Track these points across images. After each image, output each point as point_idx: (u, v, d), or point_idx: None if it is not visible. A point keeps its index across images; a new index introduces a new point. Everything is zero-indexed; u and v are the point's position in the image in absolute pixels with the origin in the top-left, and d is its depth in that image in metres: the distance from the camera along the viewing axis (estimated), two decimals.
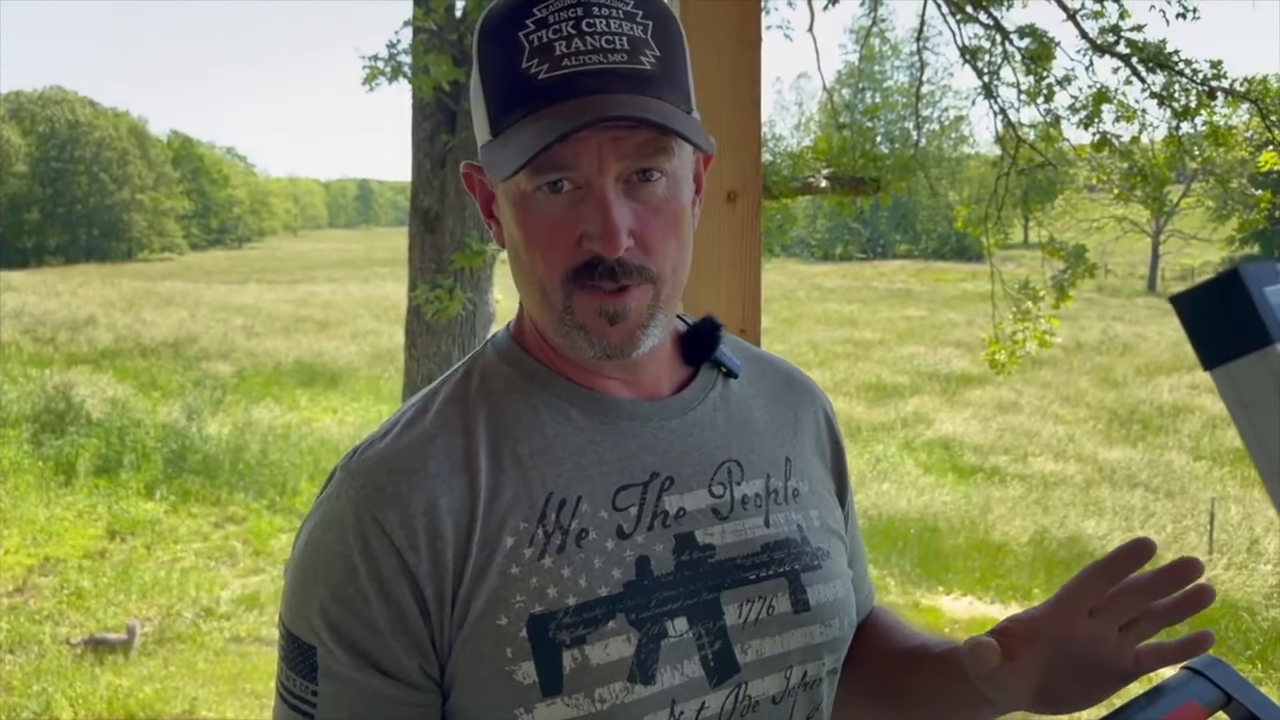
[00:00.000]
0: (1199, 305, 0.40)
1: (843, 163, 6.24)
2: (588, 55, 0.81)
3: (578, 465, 0.89)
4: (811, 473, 1.02)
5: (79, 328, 18.65)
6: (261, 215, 76.99)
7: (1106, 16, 6.34)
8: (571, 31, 0.81)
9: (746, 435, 0.98)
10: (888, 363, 19.30)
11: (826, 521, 1.01)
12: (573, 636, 0.83)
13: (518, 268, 0.90)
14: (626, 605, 0.85)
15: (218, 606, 7.80)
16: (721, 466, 0.94)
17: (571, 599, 0.84)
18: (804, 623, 0.93)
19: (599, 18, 0.82)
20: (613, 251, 0.82)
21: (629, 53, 0.82)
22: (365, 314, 22.66)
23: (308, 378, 16.26)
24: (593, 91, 0.80)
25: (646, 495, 0.90)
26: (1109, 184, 8.65)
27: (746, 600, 0.90)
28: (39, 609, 7.68)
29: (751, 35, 1.60)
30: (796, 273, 37.68)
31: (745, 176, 1.66)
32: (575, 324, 0.86)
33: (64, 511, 9.68)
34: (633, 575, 0.86)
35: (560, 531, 0.86)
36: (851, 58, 36.06)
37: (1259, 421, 0.39)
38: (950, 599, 8.72)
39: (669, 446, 0.93)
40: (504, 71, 0.84)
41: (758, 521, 0.94)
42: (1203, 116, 6.33)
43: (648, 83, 0.82)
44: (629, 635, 0.84)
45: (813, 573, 0.95)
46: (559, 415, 0.91)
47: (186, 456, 10.97)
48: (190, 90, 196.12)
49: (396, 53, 6.26)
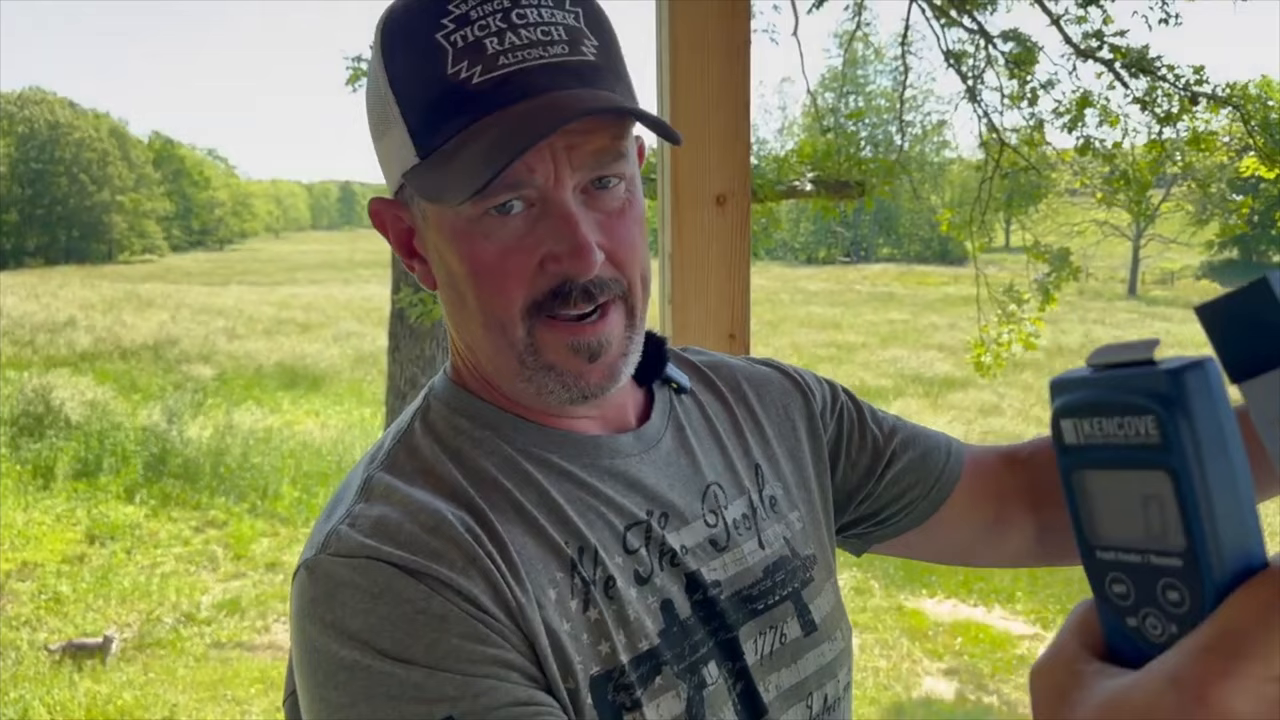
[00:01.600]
0: (1227, 316, 0.39)
1: (827, 166, 6.25)
2: (525, 50, 0.71)
3: (579, 512, 0.80)
4: (782, 469, 0.96)
5: (58, 330, 18.48)
6: (243, 217, 76.65)
7: (1090, 22, 6.38)
8: (501, 25, 0.71)
9: (716, 453, 0.92)
10: (871, 366, 19.35)
11: (803, 516, 0.95)
12: (631, 699, 0.75)
13: (459, 308, 0.79)
14: (667, 657, 0.78)
15: (198, 612, 7.74)
16: (707, 492, 0.88)
17: (624, 655, 0.76)
18: (815, 643, 0.89)
19: (527, 6, 0.72)
20: (587, 270, 0.74)
21: (569, 43, 0.72)
22: (348, 316, 22.54)
23: (289, 380, 16.16)
24: (542, 90, 0.71)
25: (651, 535, 0.82)
26: (1091, 188, 8.70)
27: (760, 632, 0.85)
28: (16, 614, 7.60)
29: (740, 41, 1.60)
30: (780, 276, 37.76)
31: (735, 180, 1.65)
32: (542, 364, 0.77)
33: (42, 515, 9.58)
34: (663, 624, 0.79)
35: (591, 583, 0.77)
36: (835, 62, 36.18)
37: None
38: (934, 602, 8.74)
39: (655, 481, 0.85)
40: (425, 80, 0.73)
41: (753, 545, 0.88)
42: (1185, 122, 6.37)
43: (596, 75, 0.73)
44: (678, 690, 0.77)
45: (810, 587, 0.91)
46: (541, 464, 0.81)
47: (167, 460, 10.87)
48: (172, 91, 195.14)
49: None
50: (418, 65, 0.73)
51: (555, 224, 0.73)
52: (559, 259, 0.74)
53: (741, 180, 1.66)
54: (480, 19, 0.71)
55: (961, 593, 8.91)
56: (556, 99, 0.70)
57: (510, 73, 0.71)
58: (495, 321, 0.77)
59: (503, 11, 0.71)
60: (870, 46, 40.00)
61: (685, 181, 1.65)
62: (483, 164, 0.69)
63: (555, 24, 0.73)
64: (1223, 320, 0.38)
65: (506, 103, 0.70)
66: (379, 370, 14.31)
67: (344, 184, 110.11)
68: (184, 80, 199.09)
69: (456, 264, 0.77)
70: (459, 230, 0.75)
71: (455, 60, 0.71)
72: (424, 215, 0.79)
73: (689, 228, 1.68)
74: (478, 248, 0.75)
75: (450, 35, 0.71)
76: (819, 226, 45.25)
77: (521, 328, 0.76)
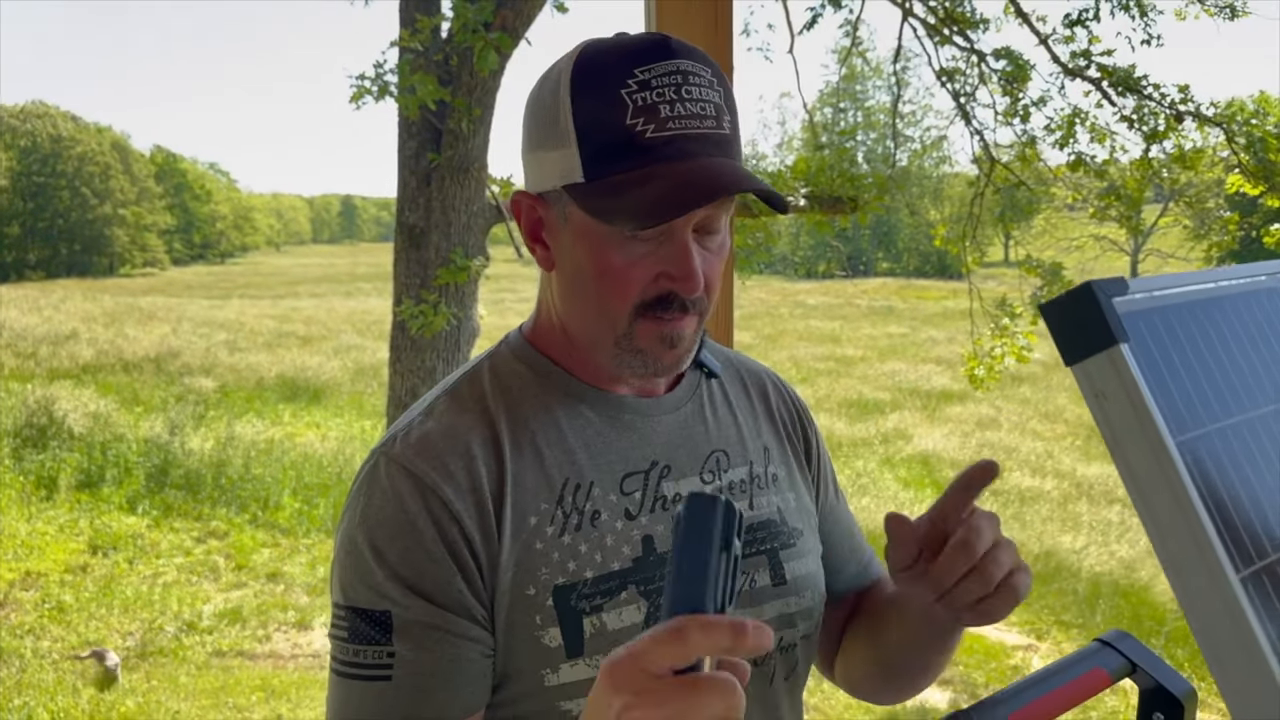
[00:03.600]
0: (1060, 313, 0.49)
1: (821, 182, 6.35)
2: (688, 120, 0.91)
3: (589, 454, 1.00)
4: (788, 458, 1.14)
5: (60, 342, 18.56)
6: (244, 230, 76.71)
7: (1077, 41, 6.49)
8: (674, 96, 0.90)
9: (730, 428, 1.10)
10: (869, 379, 19.42)
11: (801, 504, 1.13)
12: (591, 605, 0.94)
13: (578, 292, 0.99)
14: (636, 578, 0.97)
15: (200, 621, 7.80)
16: (711, 456, 1.06)
17: (589, 572, 0.95)
18: (781, 595, 1.05)
19: (694, 85, 0.92)
20: (692, 292, 0.94)
21: (715, 119, 0.93)
22: (349, 329, 22.63)
23: (290, 393, 16.24)
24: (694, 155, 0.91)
25: (649, 481, 1.01)
26: (1084, 204, 8.81)
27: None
28: (20, 623, 7.67)
29: (723, 66, 1.70)
30: (780, 290, 37.85)
31: None
32: (633, 348, 0.97)
33: (45, 526, 9.65)
34: (640, 552, 0.98)
35: (577, 512, 0.97)
36: (832, 77, 36.35)
37: (1108, 408, 0.48)
38: None
39: (666, 439, 1.05)
40: (605, 123, 0.92)
41: (744, 505, 1.06)
42: (1171, 140, 6.48)
43: (730, 145, 0.94)
44: (639, 604, 0.96)
45: (789, 550, 1.07)
46: (571, 410, 1.02)
47: (169, 471, 10.95)
48: (174, 105, 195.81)
49: (383, 72, 6.35)
50: (601, 109, 0.92)
51: (676, 252, 0.94)
52: (673, 279, 0.94)
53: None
54: (659, 87, 0.91)
55: None
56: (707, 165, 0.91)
57: (674, 135, 0.90)
58: (607, 313, 0.97)
59: (675, 86, 0.91)
60: (869, 63, 40.20)
61: None
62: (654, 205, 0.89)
63: (709, 100, 0.92)
64: (1057, 317, 0.49)
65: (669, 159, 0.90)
66: (379, 383, 14.39)
67: (345, 198, 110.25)
68: (186, 94, 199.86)
69: (588, 263, 0.96)
70: (598, 240, 0.95)
71: (634, 115, 0.90)
72: (565, 218, 0.97)
73: None
74: (611, 255, 0.94)
75: (633, 94, 0.91)
76: (818, 241, 45.38)
77: (625, 321, 0.96)
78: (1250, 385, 0.54)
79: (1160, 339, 0.50)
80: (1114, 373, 0.47)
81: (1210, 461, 0.49)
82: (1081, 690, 0.81)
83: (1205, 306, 0.55)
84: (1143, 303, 0.51)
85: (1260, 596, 0.48)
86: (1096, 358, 0.47)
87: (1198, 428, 0.50)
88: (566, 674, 0.94)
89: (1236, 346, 0.55)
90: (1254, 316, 0.58)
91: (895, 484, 12.31)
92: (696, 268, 0.94)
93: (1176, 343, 0.51)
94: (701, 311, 0.99)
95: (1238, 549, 0.48)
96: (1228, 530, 0.48)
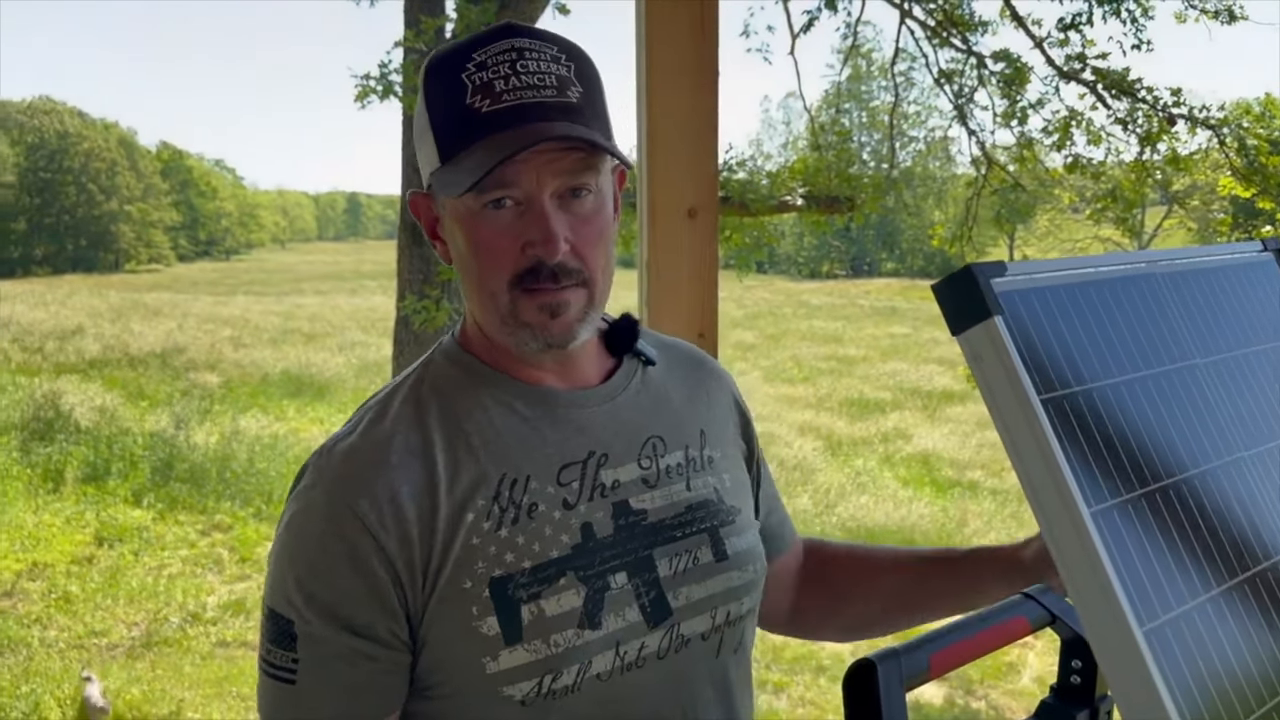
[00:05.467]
0: (948, 290, 0.58)
1: (819, 182, 6.43)
2: (523, 91, 0.96)
3: (524, 449, 1.03)
4: (724, 442, 1.19)
5: (67, 337, 18.69)
6: (250, 227, 76.83)
7: (1071, 45, 6.57)
8: (508, 71, 0.96)
9: (666, 413, 1.14)
10: (870, 379, 19.49)
11: (737, 482, 1.18)
12: (529, 593, 0.98)
13: (466, 276, 1.03)
14: (575, 565, 1.00)
15: (204, 612, 7.91)
16: (647, 442, 1.10)
17: (527, 562, 0.98)
18: (724, 569, 1.10)
19: (530, 59, 0.97)
20: (553, 255, 0.97)
21: (557, 89, 0.97)
22: (353, 326, 22.72)
23: (295, 389, 16.35)
24: (532, 120, 0.95)
25: (586, 471, 1.05)
26: (1082, 205, 8.88)
27: (675, 554, 1.06)
28: (27, 613, 7.78)
29: (708, 75, 1.80)
30: (783, 289, 37.92)
31: (703, 195, 1.85)
32: (519, 322, 1.00)
33: (52, 518, 9.77)
34: (579, 539, 1.01)
35: (514, 506, 1.00)
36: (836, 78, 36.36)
37: (985, 369, 0.57)
38: None
39: (601, 428, 1.07)
40: (449, 107, 0.98)
41: (681, 487, 1.10)
42: (1165, 142, 6.55)
43: (576, 113, 0.97)
44: (578, 589, 0.99)
45: (729, 527, 1.12)
46: (504, 408, 1.05)
47: (174, 465, 11.06)
48: (180, 102, 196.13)
49: (388, 72, 6.44)
50: (446, 95, 0.98)
51: (533, 219, 0.97)
52: (534, 245, 0.97)
53: (710, 195, 1.85)
54: (493, 65, 0.96)
55: None
56: (540, 127, 0.95)
57: (508, 106, 0.95)
58: (488, 289, 1.01)
59: (510, 62, 0.96)
60: (872, 63, 40.22)
61: (659, 196, 1.84)
62: (478, 168, 0.93)
63: (549, 73, 0.97)
64: (944, 294, 0.58)
65: (503, 127, 0.95)
66: (383, 379, 14.47)
67: (350, 195, 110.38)
68: (193, 91, 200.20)
69: (463, 243, 1.01)
70: (466, 218, 0.99)
71: (472, 94, 0.96)
72: (444, 206, 1.03)
73: (663, 238, 1.87)
74: (479, 231, 0.99)
75: (471, 75, 0.97)
76: (821, 241, 45.46)
77: (507, 295, 1.00)
78: (1120, 356, 0.63)
79: (1035, 313, 0.59)
80: (988, 340, 0.56)
81: (1074, 417, 0.58)
82: (1001, 636, 0.89)
83: (1082, 288, 0.64)
84: (1020, 283, 0.60)
85: (1110, 528, 0.57)
86: (975, 328, 0.57)
87: (1064, 388, 0.59)
88: (506, 660, 0.96)
89: (1109, 322, 0.64)
90: (1130, 298, 0.67)
91: (895, 483, 12.40)
92: (555, 231, 0.96)
93: (1050, 317, 0.60)
94: (583, 281, 1.00)
95: (1092, 487, 0.57)
96: (1084, 471, 0.57)
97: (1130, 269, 0.68)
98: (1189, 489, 0.62)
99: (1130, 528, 0.57)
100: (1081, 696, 0.91)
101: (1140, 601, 0.54)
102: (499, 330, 1.03)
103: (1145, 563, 0.56)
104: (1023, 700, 6.99)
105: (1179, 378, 0.65)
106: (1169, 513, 0.60)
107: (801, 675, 7.03)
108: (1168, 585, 0.57)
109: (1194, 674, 0.55)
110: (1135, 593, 0.54)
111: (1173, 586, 0.57)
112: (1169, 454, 0.62)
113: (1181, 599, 0.57)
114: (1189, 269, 0.73)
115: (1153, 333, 0.66)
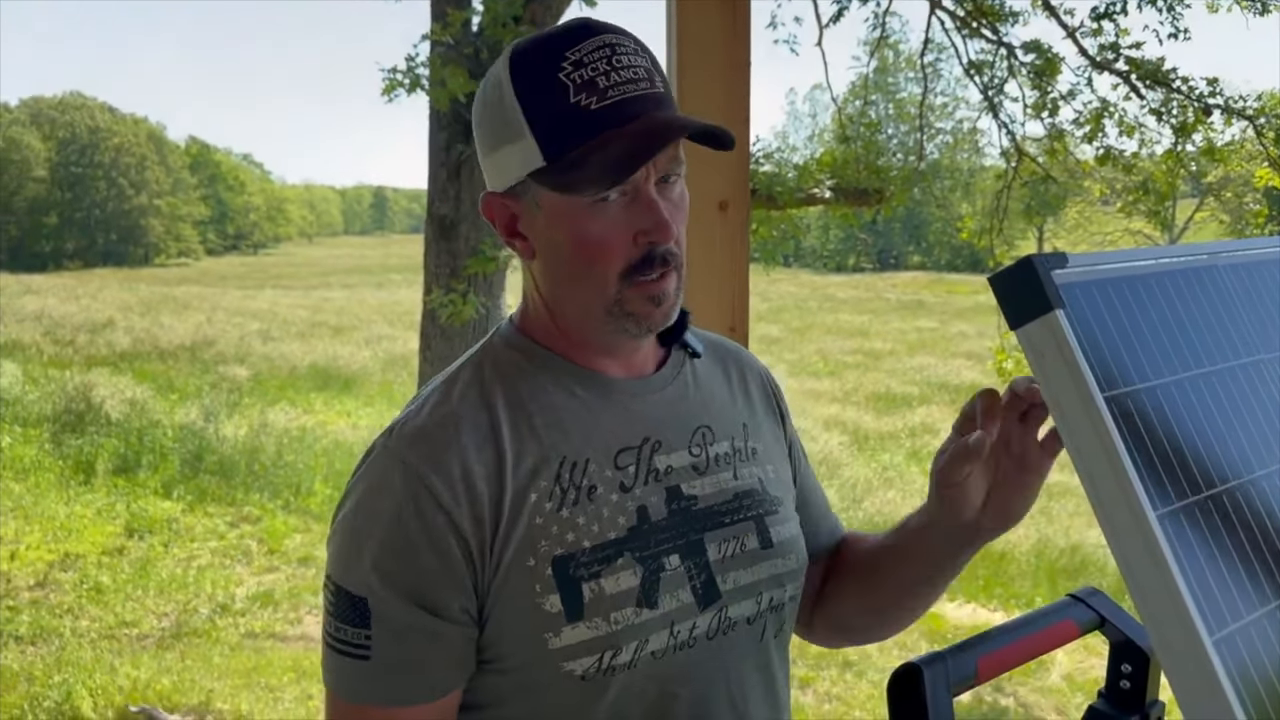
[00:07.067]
0: (1008, 283, 0.56)
1: (846, 174, 6.38)
2: (624, 85, 0.98)
3: (584, 433, 1.06)
4: (765, 433, 1.21)
5: (98, 330, 18.88)
6: (277, 221, 77.35)
7: (1104, 34, 6.47)
8: (607, 68, 0.98)
9: (713, 404, 1.17)
10: (897, 373, 19.37)
11: (780, 475, 1.20)
12: (590, 572, 1.01)
13: (563, 271, 1.05)
14: (631, 546, 1.03)
15: (233, 603, 7.96)
16: (697, 431, 1.13)
17: (587, 542, 1.02)
18: (769, 556, 1.12)
19: (621, 55, 0.99)
20: (668, 239, 1.01)
21: (648, 80, 1.00)
22: (379, 320, 22.83)
23: (322, 382, 16.44)
24: (639, 114, 0.98)
25: (641, 455, 1.08)
26: (1113, 198, 8.78)
27: (724, 539, 1.09)
28: (59, 603, 7.86)
29: (741, 63, 1.77)
30: (809, 283, 37.75)
31: (735, 187, 1.82)
32: (625, 313, 1.03)
33: (83, 509, 9.86)
34: (635, 521, 1.05)
35: (574, 488, 1.03)
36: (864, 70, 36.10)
37: (1046, 365, 0.55)
38: (954, 605, 8.81)
39: (655, 415, 1.11)
40: (552, 107, 0.99)
41: (729, 475, 1.13)
42: (1200, 133, 6.45)
43: (668, 102, 1.02)
44: (635, 570, 1.03)
45: (773, 516, 1.14)
46: (565, 392, 1.08)
47: (203, 457, 11.15)
48: (209, 97, 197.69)
49: (415, 65, 6.44)
50: (544, 95, 0.99)
51: (643, 208, 1.00)
52: (648, 232, 1.00)
53: (741, 188, 1.83)
54: (591, 63, 0.98)
55: (982, 597, 8.98)
56: (653, 119, 0.98)
57: (616, 101, 0.97)
58: (595, 282, 1.03)
59: (605, 58, 0.98)
60: (900, 54, 39.91)
61: (691, 188, 1.82)
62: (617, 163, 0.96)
63: (638, 65, 1.00)
64: (1002, 286, 0.56)
65: (618, 124, 0.97)
66: (409, 372, 14.54)
67: (377, 189, 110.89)
68: (221, 86, 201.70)
69: (567, 240, 1.02)
70: (571, 215, 1.01)
71: (575, 92, 0.97)
72: (536, 204, 1.03)
73: (695, 231, 1.84)
74: (588, 226, 1.00)
75: (569, 75, 0.98)
76: (848, 234, 45.19)
77: (615, 286, 1.02)
78: (1184, 352, 0.61)
79: (1097, 307, 0.57)
80: (1049, 335, 0.54)
81: (1138, 415, 0.55)
82: (1050, 639, 0.87)
83: (1144, 280, 0.61)
84: (1081, 275, 0.57)
85: (1176, 532, 0.54)
86: (1036, 322, 0.54)
87: (1127, 385, 0.56)
88: (568, 636, 1.00)
89: (1172, 317, 0.61)
90: (1192, 291, 0.64)
91: (921, 477, 12.31)
92: (667, 217, 1.00)
93: (1112, 311, 0.58)
94: (677, 266, 1.04)
95: (1158, 490, 0.54)
96: (1149, 473, 0.54)
97: (1193, 260, 0.65)
98: (1256, 492, 0.60)
99: (1197, 532, 0.54)
100: (1132, 701, 0.89)
101: (1209, 609, 0.52)
102: (599, 320, 1.05)
103: (1214, 569, 0.54)
104: (1051, 698, 6.93)
105: (1244, 374, 0.63)
106: (1237, 516, 0.57)
107: (828, 670, 6.99)
108: (1237, 592, 0.55)
109: (1265, 684, 0.53)
110: (1204, 600, 0.52)
111: (1242, 594, 0.55)
112: (1235, 455, 0.60)
113: (1252, 607, 0.55)
114: (1253, 260, 0.70)
115: (1217, 327, 0.63)
